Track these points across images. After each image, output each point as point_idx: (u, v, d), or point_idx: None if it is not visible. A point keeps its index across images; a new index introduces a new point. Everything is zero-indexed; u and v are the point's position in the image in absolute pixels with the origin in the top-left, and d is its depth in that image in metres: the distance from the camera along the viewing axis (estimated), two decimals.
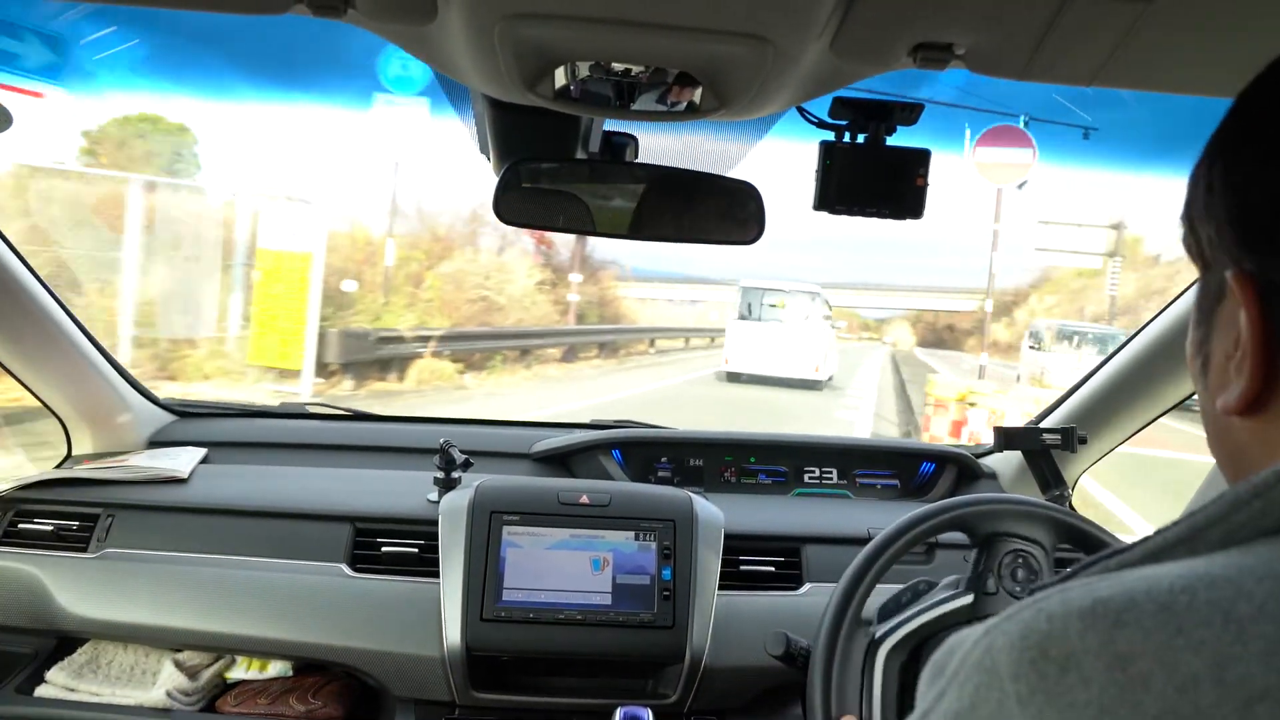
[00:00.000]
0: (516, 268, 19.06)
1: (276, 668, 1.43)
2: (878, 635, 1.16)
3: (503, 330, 16.40)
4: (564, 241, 20.70)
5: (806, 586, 1.51)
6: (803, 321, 15.71)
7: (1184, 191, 0.51)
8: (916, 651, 1.16)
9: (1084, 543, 1.25)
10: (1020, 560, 1.20)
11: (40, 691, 1.38)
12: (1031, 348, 15.16)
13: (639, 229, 1.23)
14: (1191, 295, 1.43)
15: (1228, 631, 0.35)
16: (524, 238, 19.68)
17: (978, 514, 1.20)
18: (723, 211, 1.23)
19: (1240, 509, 0.40)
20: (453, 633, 1.33)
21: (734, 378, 15.22)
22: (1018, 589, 1.19)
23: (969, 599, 1.17)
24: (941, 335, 47.77)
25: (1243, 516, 0.40)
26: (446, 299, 16.66)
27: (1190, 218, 0.51)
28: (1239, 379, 0.46)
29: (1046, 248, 14.75)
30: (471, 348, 13.99)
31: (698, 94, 0.94)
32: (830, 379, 15.97)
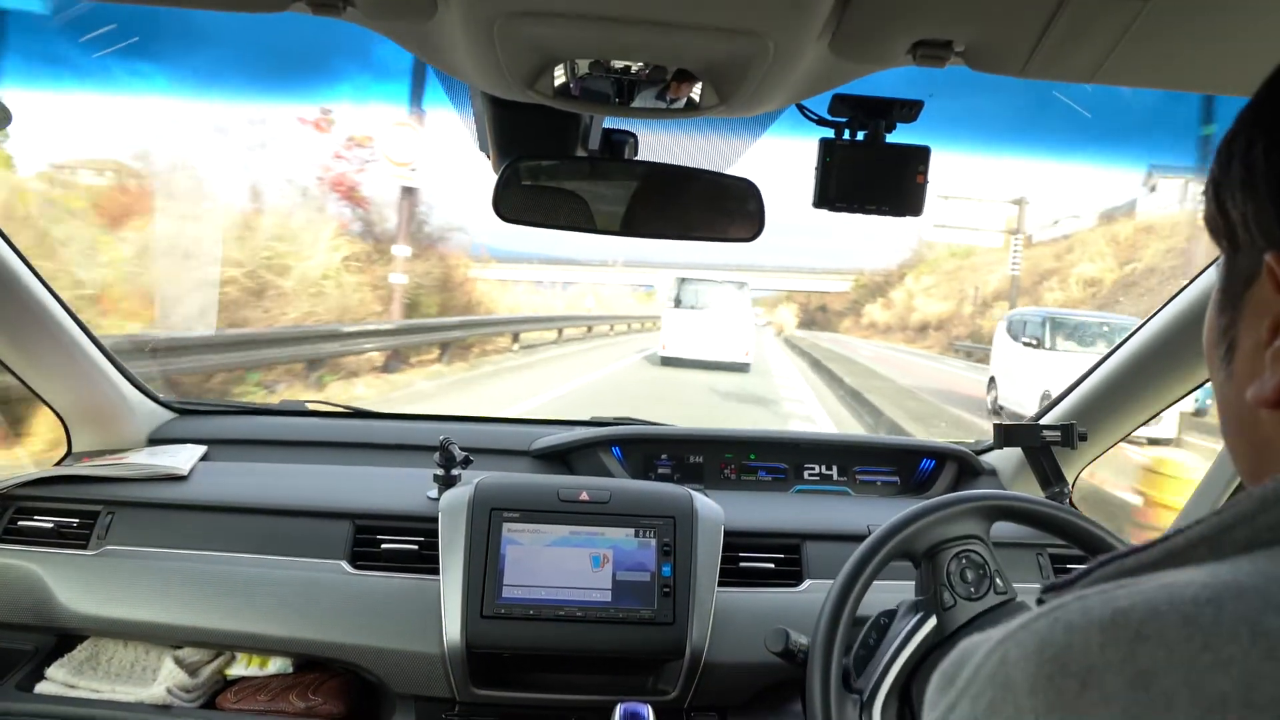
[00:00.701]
0: (310, 236, 12.99)
1: (277, 664, 1.43)
2: (865, 696, 1.15)
3: (256, 334, 10.02)
4: (388, 200, 14.31)
5: (806, 583, 1.51)
6: (731, 309, 16.53)
7: (1212, 165, 0.47)
8: (906, 692, 1.16)
9: (1017, 516, 1.25)
10: (965, 561, 1.20)
11: (40, 688, 1.39)
12: (1028, 344, 11.28)
13: (639, 226, 1.23)
14: (1194, 290, 1.43)
15: (1256, 647, 0.33)
16: (332, 195, 14.66)
17: (910, 535, 1.19)
18: (722, 208, 1.24)
19: (1268, 508, 0.38)
20: (453, 629, 1.33)
21: (669, 362, 15.83)
22: (972, 590, 1.19)
23: (933, 621, 1.17)
24: (814, 317, 47.02)
25: (1270, 517, 0.38)
26: (143, 285, 9.94)
27: (1219, 194, 0.46)
28: (1277, 367, 0.43)
29: (946, 224, 13.86)
30: (197, 365, 8.07)
31: (697, 91, 0.94)
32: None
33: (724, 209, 1.23)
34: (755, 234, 1.23)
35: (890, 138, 1.05)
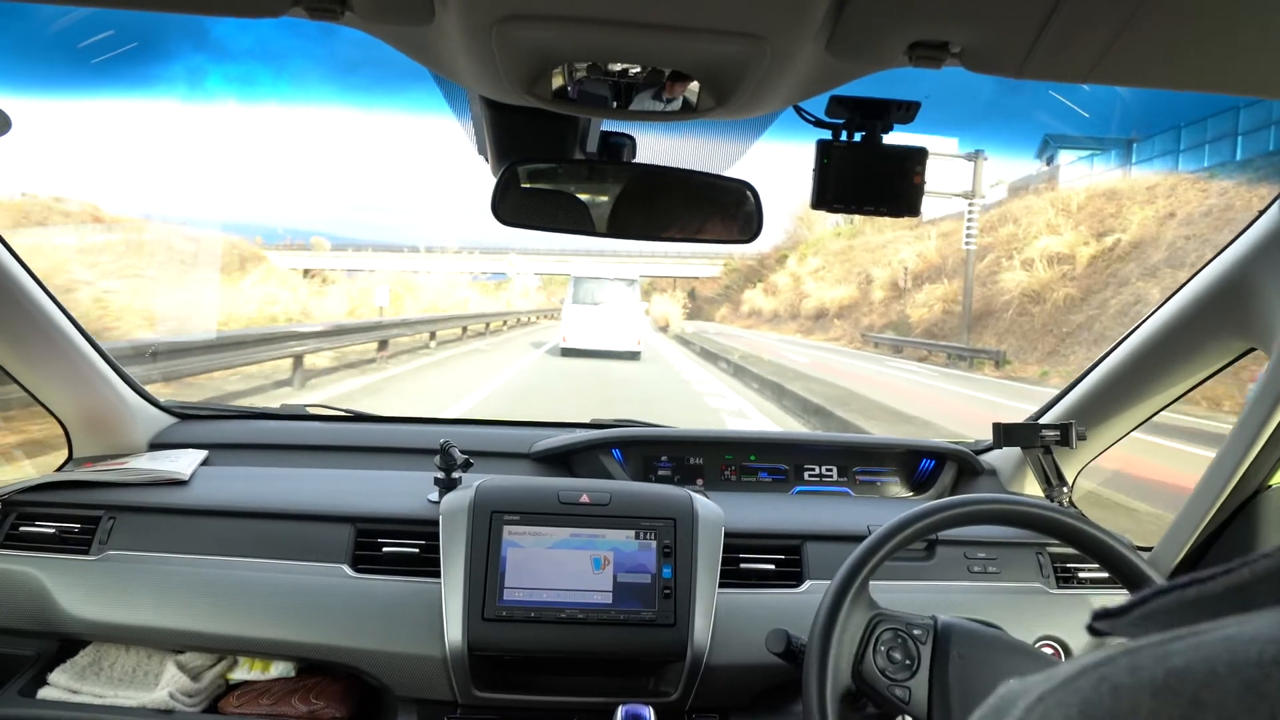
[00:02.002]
0: None
1: (279, 668, 1.44)
2: None
3: None
4: None
5: (807, 584, 1.51)
6: (623, 303, 18.40)
7: None
8: None
9: (902, 544, 1.17)
10: (885, 647, 1.14)
11: (43, 694, 1.39)
12: None
13: (637, 229, 1.24)
14: (1193, 287, 1.43)
15: None
16: None
17: (837, 667, 1.10)
18: (720, 210, 1.24)
19: None
20: (454, 632, 1.33)
21: (569, 353, 17.27)
22: (909, 662, 1.13)
23: None
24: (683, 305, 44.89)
25: None
26: None
27: None
28: None
29: None
30: None
31: (695, 93, 0.94)
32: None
33: (722, 211, 1.24)
34: (754, 235, 1.24)
35: (887, 138, 1.05)
